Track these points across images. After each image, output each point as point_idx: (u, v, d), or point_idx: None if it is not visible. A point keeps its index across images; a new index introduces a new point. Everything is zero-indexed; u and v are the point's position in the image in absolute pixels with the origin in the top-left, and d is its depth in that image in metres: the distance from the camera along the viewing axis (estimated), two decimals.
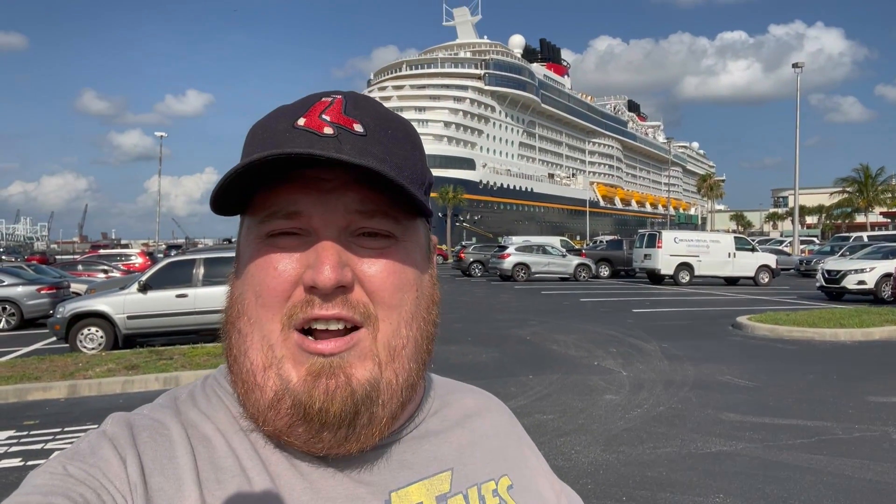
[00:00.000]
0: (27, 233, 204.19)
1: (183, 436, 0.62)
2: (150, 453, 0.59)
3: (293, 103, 0.65)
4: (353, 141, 0.60)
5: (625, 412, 6.75)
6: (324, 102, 0.63)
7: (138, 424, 0.62)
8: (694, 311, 16.06)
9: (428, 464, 0.68)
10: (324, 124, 0.60)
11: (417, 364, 0.65)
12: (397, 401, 0.63)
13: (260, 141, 0.62)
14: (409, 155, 0.64)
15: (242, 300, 0.63)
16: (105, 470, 0.57)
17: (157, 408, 0.66)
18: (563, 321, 14.24)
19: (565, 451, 5.54)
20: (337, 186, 0.60)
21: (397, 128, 0.65)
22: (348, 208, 0.60)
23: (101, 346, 10.80)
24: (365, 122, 0.62)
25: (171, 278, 11.28)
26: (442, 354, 9.86)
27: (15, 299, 15.53)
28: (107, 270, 24.39)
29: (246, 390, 0.61)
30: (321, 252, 0.59)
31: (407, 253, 0.64)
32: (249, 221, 0.64)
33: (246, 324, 0.62)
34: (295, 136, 0.60)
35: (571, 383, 8.10)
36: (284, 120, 0.62)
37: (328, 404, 0.58)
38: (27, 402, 7.73)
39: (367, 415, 0.60)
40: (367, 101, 0.66)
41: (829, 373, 8.67)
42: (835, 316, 12.97)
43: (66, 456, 0.58)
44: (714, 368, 8.91)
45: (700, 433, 6.01)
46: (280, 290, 0.60)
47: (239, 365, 0.62)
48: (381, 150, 0.61)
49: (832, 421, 6.38)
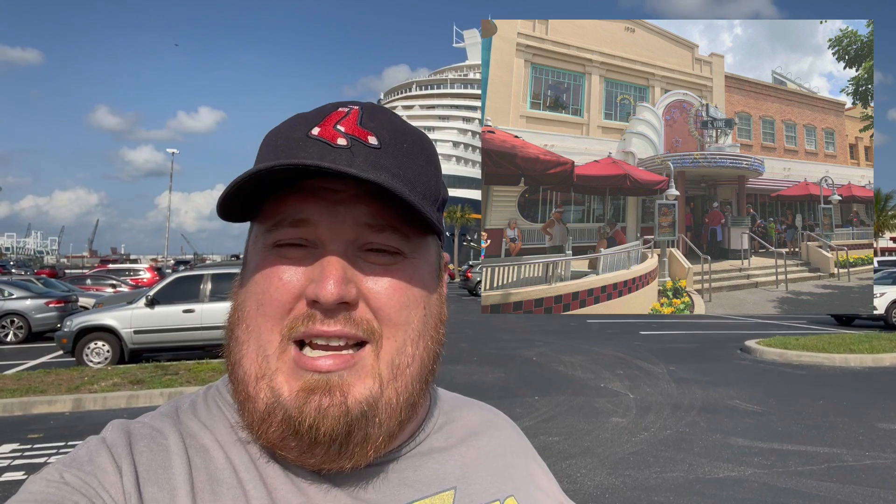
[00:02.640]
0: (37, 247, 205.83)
1: (180, 446, 0.61)
2: (145, 462, 0.58)
3: (310, 112, 0.65)
4: (366, 153, 0.59)
5: (631, 435, 6.69)
6: (340, 113, 0.62)
7: (136, 433, 0.62)
8: (701, 334, 15.95)
9: (430, 482, 0.67)
10: (338, 135, 0.60)
11: (421, 383, 0.63)
12: (395, 420, 0.61)
13: (273, 148, 0.61)
14: (424, 170, 0.63)
15: (243, 308, 0.62)
16: (101, 478, 0.56)
17: (158, 416, 0.65)
18: (569, 342, 14.17)
19: (571, 474, 5.48)
20: (347, 198, 0.59)
21: (413, 141, 0.64)
22: (357, 221, 0.60)
23: (107, 361, 10.82)
24: (380, 135, 0.61)
25: (179, 293, 11.32)
26: (447, 374, 9.81)
27: (23, 312, 15.60)
28: (115, 285, 24.52)
29: (242, 400, 0.60)
30: (326, 266, 0.58)
31: (415, 270, 0.63)
32: (257, 230, 0.63)
33: (244, 332, 0.61)
34: (308, 145, 0.59)
35: (578, 405, 8.03)
36: (299, 128, 0.61)
37: (319, 421, 0.57)
38: (32, 415, 7.73)
39: (361, 433, 0.58)
40: (384, 112, 0.65)
41: (839, 399, 8.57)
42: (845, 341, 12.84)
43: (63, 463, 0.58)
44: (722, 392, 8.83)
45: (708, 458, 5.94)
46: (282, 301, 0.59)
47: (235, 374, 0.61)
48: (395, 164, 0.60)
49: (842, 448, 6.29)
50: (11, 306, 15.63)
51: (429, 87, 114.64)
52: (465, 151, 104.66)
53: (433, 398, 0.75)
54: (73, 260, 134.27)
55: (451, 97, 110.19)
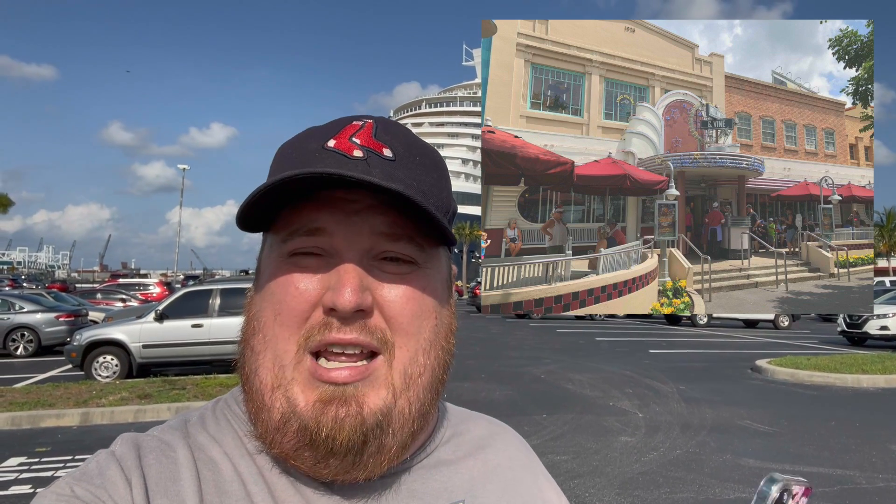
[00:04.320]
0: (49, 261, 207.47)
1: (189, 458, 0.61)
2: (154, 475, 0.59)
3: (323, 125, 0.66)
4: (381, 165, 0.60)
5: (640, 455, 6.62)
6: (354, 126, 0.64)
7: (146, 446, 0.62)
8: (712, 354, 15.83)
9: (438, 495, 0.67)
10: (354, 147, 0.61)
11: (432, 394, 0.64)
12: (408, 430, 0.62)
13: (290, 160, 0.62)
14: (436, 183, 0.64)
15: (259, 318, 0.62)
16: (111, 491, 0.57)
17: (167, 429, 0.66)
18: (578, 360, 14.09)
19: (579, 494, 5.42)
20: (363, 209, 0.60)
21: (426, 155, 0.65)
22: (374, 231, 0.60)
23: (115, 375, 10.84)
24: (394, 148, 0.62)
25: (188, 308, 11.36)
26: (455, 391, 9.77)
27: (33, 326, 15.70)
28: (125, 299, 24.64)
29: (256, 409, 0.61)
30: (343, 274, 0.59)
31: (428, 280, 0.64)
32: (272, 239, 0.64)
33: (260, 342, 0.61)
34: (325, 156, 0.60)
35: (586, 424, 7.97)
36: (315, 141, 0.62)
37: (336, 432, 0.57)
38: (40, 428, 7.75)
39: (375, 443, 0.59)
40: (397, 127, 0.66)
41: (852, 420, 8.46)
42: (857, 362, 12.71)
43: (74, 477, 0.59)
44: (733, 412, 8.74)
45: (718, 479, 5.87)
46: (299, 309, 0.59)
47: (250, 384, 0.62)
48: (409, 176, 0.61)
49: (855, 469, 6.20)
50: (22, 320, 15.74)
51: (438, 104, 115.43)
52: (475, 169, 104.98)
53: (441, 412, 0.76)
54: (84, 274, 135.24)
55: (461, 115, 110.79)
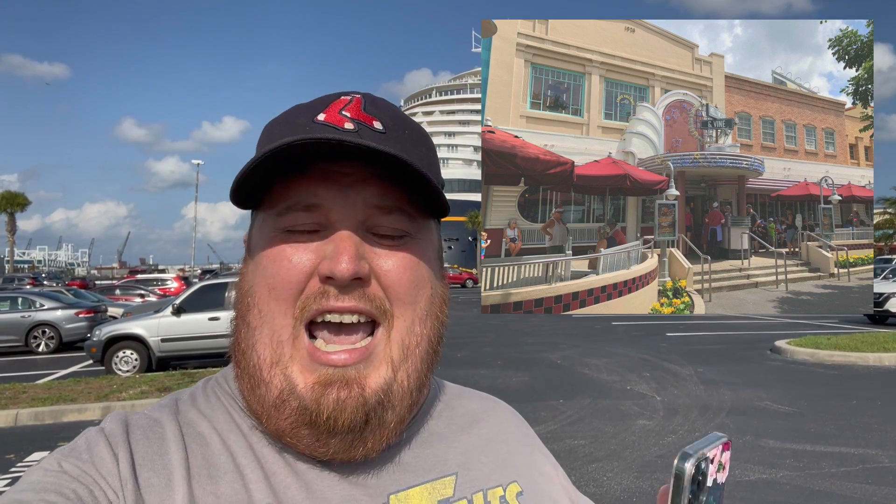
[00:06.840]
0: (68, 259, 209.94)
1: (177, 434, 0.61)
2: (141, 450, 0.59)
3: (311, 101, 0.65)
4: (373, 137, 0.60)
5: (659, 438, 6.60)
6: (343, 100, 0.64)
7: (134, 422, 0.62)
8: (730, 335, 15.72)
9: (431, 467, 0.67)
10: (344, 119, 0.61)
11: (427, 364, 0.64)
12: (407, 403, 0.62)
13: (280, 135, 0.61)
14: (425, 156, 0.64)
15: (253, 293, 0.62)
16: (98, 466, 0.57)
17: (157, 408, 0.66)
18: (594, 345, 14.05)
19: (597, 478, 5.42)
20: (357, 181, 0.60)
21: (413, 129, 0.65)
22: (367, 203, 0.60)
23: (135, 369, 10.97)
24: (384, 121, 0.63)
25: (205, 301, 11.44)
26: (471, 378, 9.78)
27: (54, 323, 15.91)
28: (143, 295, 24.91)
29: (252, 385, 0.60)
30: (339, 243, 0.58)
31: (422, 250, 0.64)
32: (265, 215, 0.63)
33: (256, 317, 0.61)
34: (316, 129, 0.59)
35: (603, 408, 7.95)
36: (304, 116, 0.62)
37: (338, 413, 0.57)
38: (62, 423, 7.86)
39: (376, 420, 0.59)
40: (385, 102, 0.67)
41: (873, 398, 8.37)
42: (878, 340, 12.57)
43: (62, 453, 0.58)
44: (752, 394, 8.68)
45: (738, 460, 5.83)
46: (294, 281, 0.59)
47: (246, 359, 0.61)
48: (400, 148, 0.61)
49: (877, 448, 6.14)
50: (43, 317, 15.95)
51: (449, 92, 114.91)
52: None
53: (435, 386, 0.76)
54: (104, 271, 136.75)
55: (471, 102, 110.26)
